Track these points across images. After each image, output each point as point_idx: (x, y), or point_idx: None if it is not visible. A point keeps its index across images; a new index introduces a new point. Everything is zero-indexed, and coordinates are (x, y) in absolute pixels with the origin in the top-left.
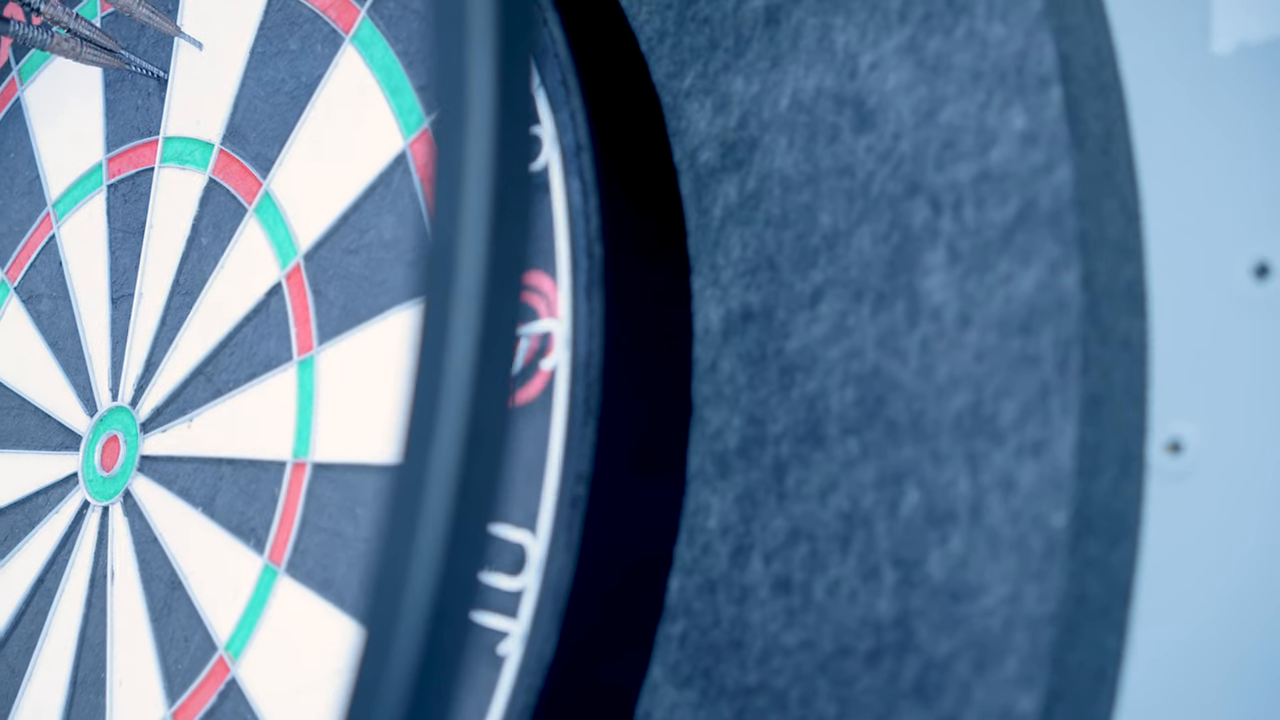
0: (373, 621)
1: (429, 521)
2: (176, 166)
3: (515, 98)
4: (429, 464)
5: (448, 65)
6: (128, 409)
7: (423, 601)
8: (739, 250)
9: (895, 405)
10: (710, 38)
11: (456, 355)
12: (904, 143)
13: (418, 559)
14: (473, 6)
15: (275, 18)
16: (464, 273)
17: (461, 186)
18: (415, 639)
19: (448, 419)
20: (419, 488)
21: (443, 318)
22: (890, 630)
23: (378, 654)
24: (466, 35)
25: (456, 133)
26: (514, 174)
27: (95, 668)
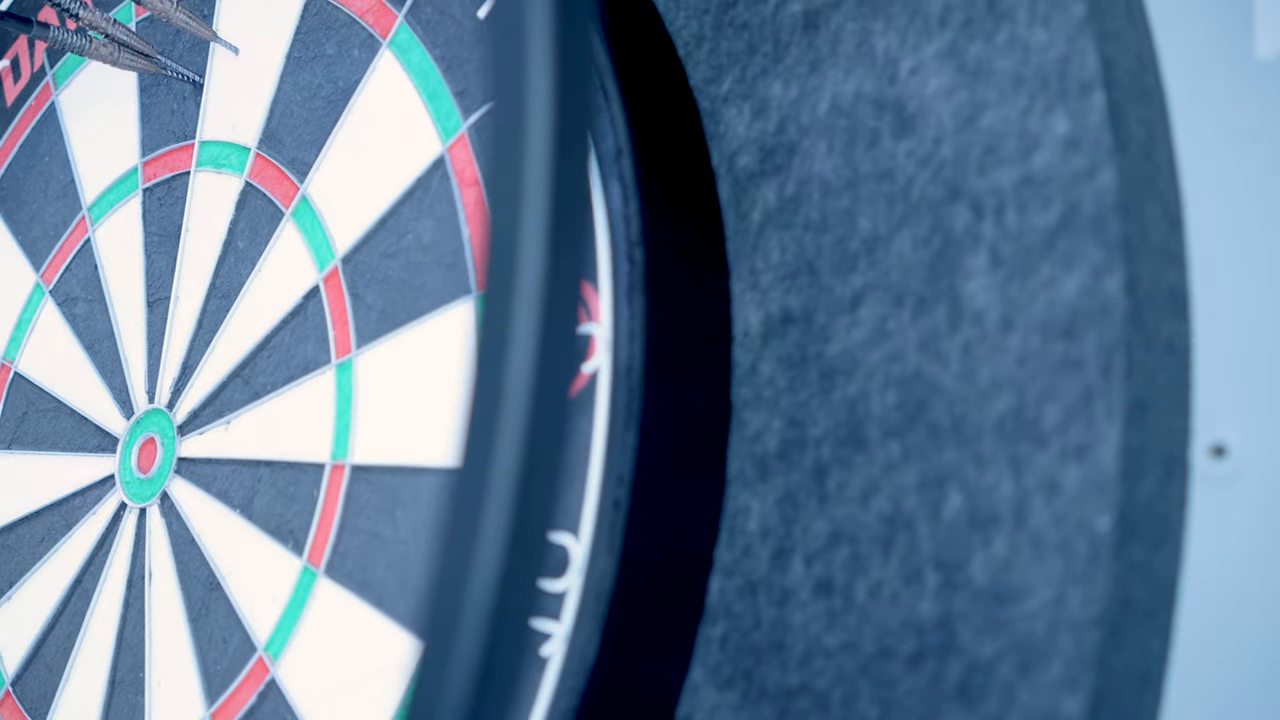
0: (432, 629)
1: (489, 528)
2: (212, 170)
3: (575, 99)
4: (490, 470)
5: (506, 74)
6: (164, 411)
7: (483, 609)
8: (778, 254)
9: (937, 408)
10: (748, 43)
11: (517, 362)
12: (945, 147)
13: (479, 566)
14: (531, 16)
15: (311, 23)
16: (524, 279)
17: (521, 194)
18: (475, 648)
19: (509, 425)
20: (479, 495)
21: (503, 324)
22: (933, 632)
23: (437, 662)
24: (525, 42)
25: (516, 137)
26: (572, 179)
27: (134, 668)
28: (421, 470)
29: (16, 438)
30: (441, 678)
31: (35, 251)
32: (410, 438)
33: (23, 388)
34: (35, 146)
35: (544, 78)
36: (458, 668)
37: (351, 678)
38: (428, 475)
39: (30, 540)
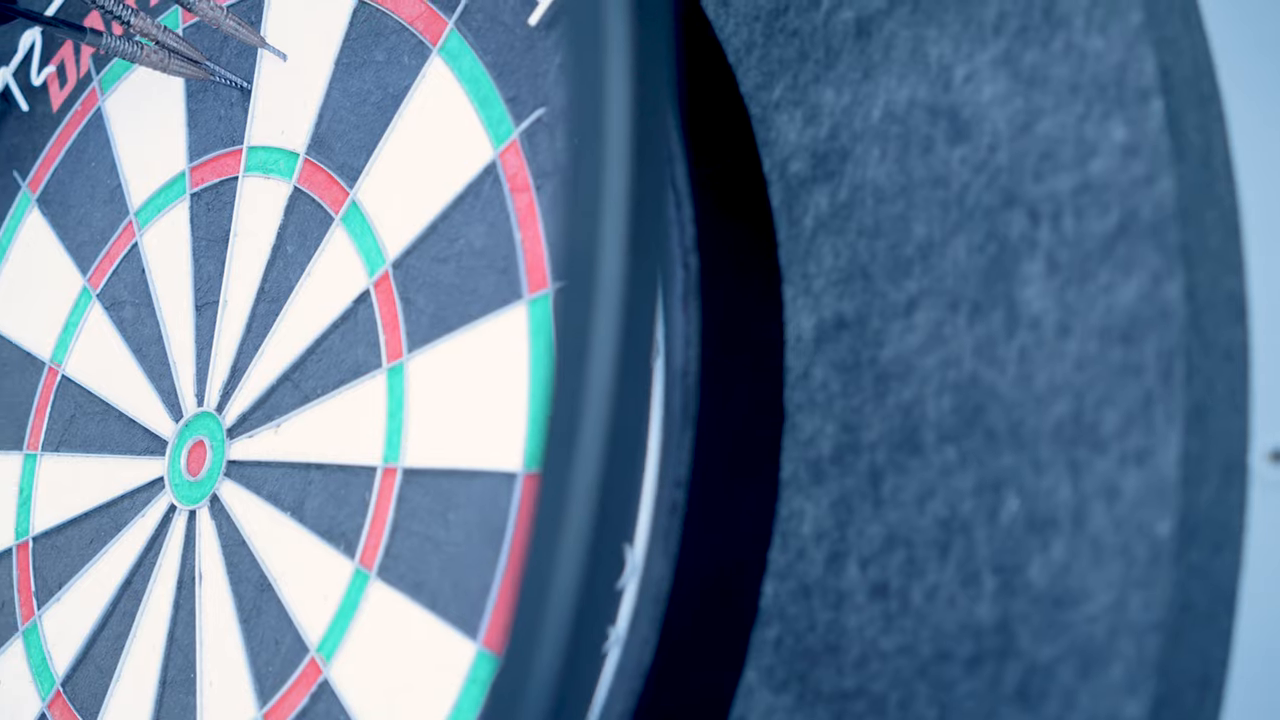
0: (514, 635)
1: (570, 536)
2: (260, 176)
3: (653, 108)
4: (571, 478)
5: (586, 85)
6: (213, 415)
7: (565, 618)
8: (831, 259)
9: (993, 413)
10: (799, 49)
11: (597, 372)
12: (1000, 154)
13: (560, 574)
14: (610, 31)
15: (360, 29)
16: (603, 285)
17: (601, 205)
18: (555, 659)
19: (590, 431)
20: (561, 503)
21: (583, 333)
22: (991, 635)
23: (518, 672)
24: (604, 53)
25: (595, 148)
26: (651, 188)
27: (184, 668)
28: (475, 473)
29: (65, 440)
30: (521, 689)
31: (82, 256)
32: (463, 441)
33: (70, 390)
34: (82, 151)
35: (622, 93)
36: (538, 680)
37: (405, 680)
38: (481, 478)
39: (79, 542)
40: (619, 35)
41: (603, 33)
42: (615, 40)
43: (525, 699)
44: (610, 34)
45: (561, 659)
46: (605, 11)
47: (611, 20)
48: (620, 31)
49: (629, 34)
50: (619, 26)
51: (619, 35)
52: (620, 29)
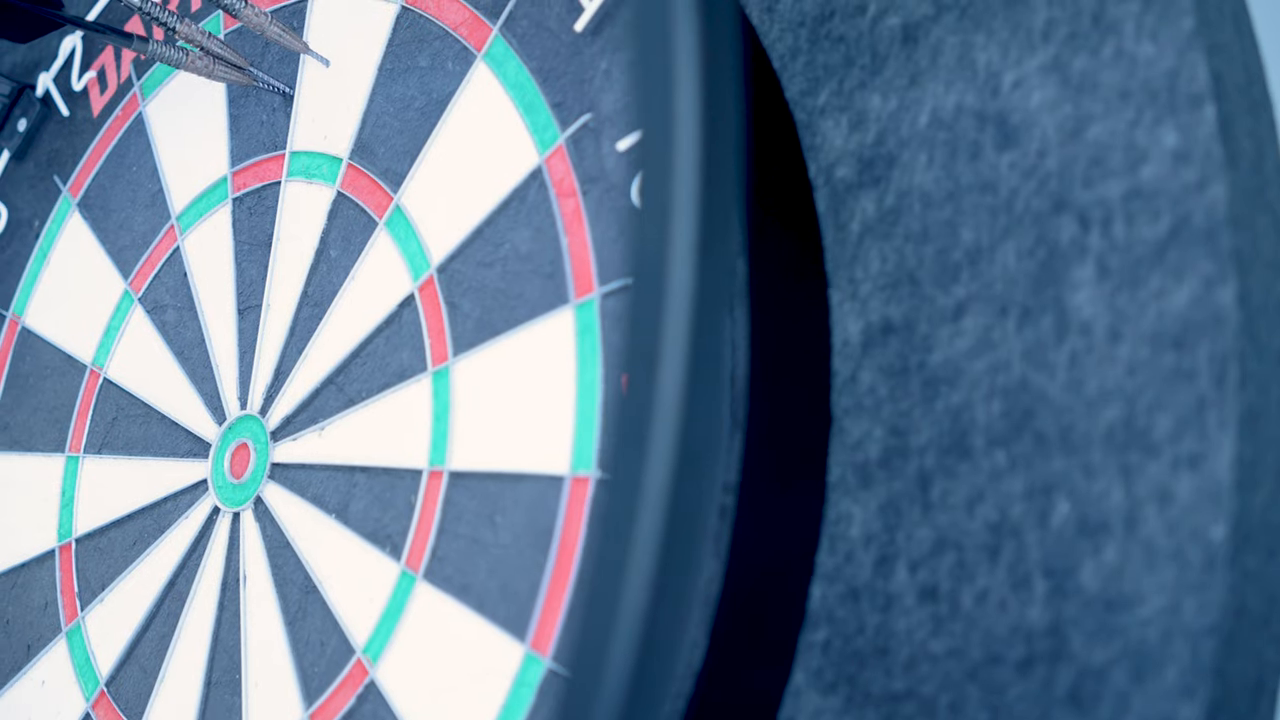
0: (584, 643)
1: (640, 539)
2: (303, 181)
3: (722, 119)
4: (642, 483)
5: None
6: (257, 417)
7: (634, 635)
8: (878, 264)
9: (1044, 418)
10: (845, 56)
11: (667, 378)
12: (1049, 160)
13: (631, 580)
14: (678, 45)
15: (404, 35)
16: (674, 292)
17: (670, 214)
18: (622, 674)
19: (658, 438)
20: (631, 510)
21: (654, 341)
22: (1042, 639)
23: (588, 687)
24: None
25: (664, 157)
26: (722, 198)
27: (229, 669)
28: (522, 476)
29: (107, 442)
30: (593, 697)
31: (123, 259)
32: (510, 444)
33: (112, 393)
34: (123, 156)
35: (692, 107)
36: (609, 690)
37: (453, 681)
38: (528, 481)
39: (122, 543)
40: (688, 49)
41: (671, 50)
42: (685, 58)
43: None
44: (679, 50)
45: (631, 675)
46: (674, 26)
47: (680, 33)
48: (689, 42)
49: (698, 46)
50: (688, 39)
51: (688, 49)
52: (689, 39)
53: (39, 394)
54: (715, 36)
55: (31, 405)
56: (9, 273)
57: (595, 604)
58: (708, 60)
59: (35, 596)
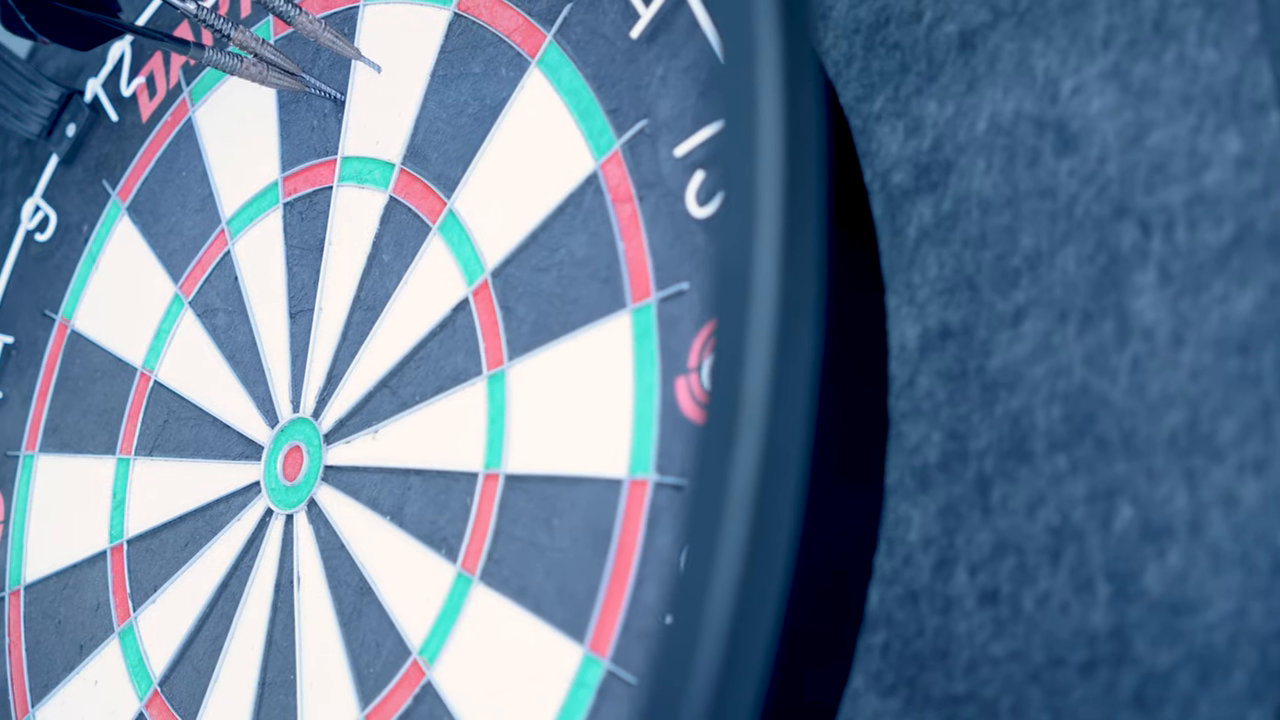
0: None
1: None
2: (355, 185)
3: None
4: (729, 486)
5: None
6: (310, 420)
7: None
8: (936, 270)
9: (1105, 422)
10: (901, 62)
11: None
12: (1110, 166)
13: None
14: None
15: (456, 41)
16: (759, 298)
17: (755, 227)
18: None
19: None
20: (718, 515)
21: (739, 348)
22: (1105, 642)
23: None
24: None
25: (747, 166)
26: (806, 206)
27: (284, 670)
28: (579, 480)
29: (158, 445)
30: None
31: (173, 264)
32: (567, 447)
33: (163, 396)
34: (172, 161)
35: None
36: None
37: (510, 682)
38: (585, 484)
39: (174, 544)
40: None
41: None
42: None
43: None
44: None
45: (716, 683)
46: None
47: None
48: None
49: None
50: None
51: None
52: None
53: (89, 397)
54: (795, 49)
55: (82, 408)
56: (58, 276)
57: (681, 609)
58: (789, 71)
59: (87, 597)
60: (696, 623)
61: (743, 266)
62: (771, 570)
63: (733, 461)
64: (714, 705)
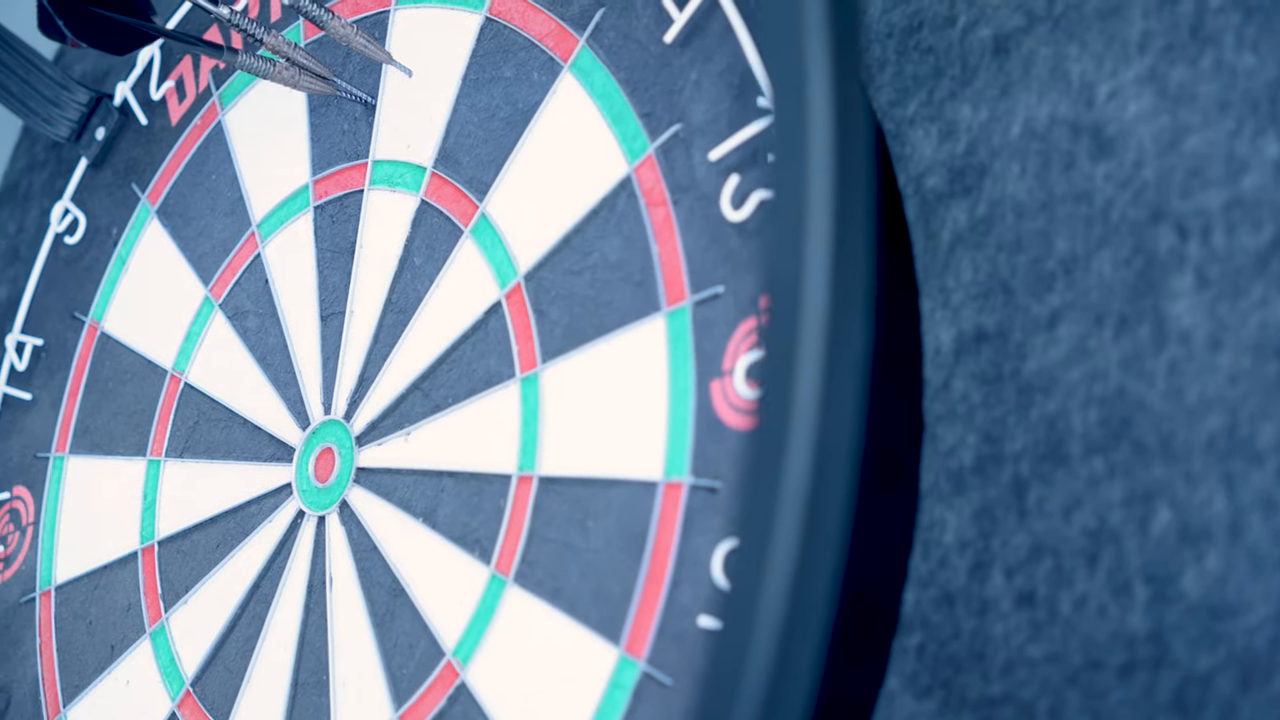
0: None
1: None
2: (386, 189)
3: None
4: (780, 490)
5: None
6: (341, 422)
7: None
8: (970, 273)
9: (1142, 426)
10: (934, 66)
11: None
12: (1146, 170)
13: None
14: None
15: (488, 45)
16: (810, 306)
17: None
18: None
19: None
20: (770, 519)
21: (790, 354)
22: (1144, 645)
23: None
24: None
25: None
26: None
27: (316, 670)
28: (614, 482)
29: (188, 446)
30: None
31: (203, 266)
32: (601, 450)
33: (193, 398)
34: (202, 165)
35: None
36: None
37: (545, 683)
38: (620, 487)
39: (205, 546)
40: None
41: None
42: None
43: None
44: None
45: (767, 687)
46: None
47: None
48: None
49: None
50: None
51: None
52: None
53: (119, 398)
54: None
55: (111, 409)
56: (88, 279)
57: (731, 615)
58: (837, 58)
59: (118, 598)
60: (749, 628)
61: (794, 273)
62: (821, 574)
63: (784, 467)
64: (765, 711)
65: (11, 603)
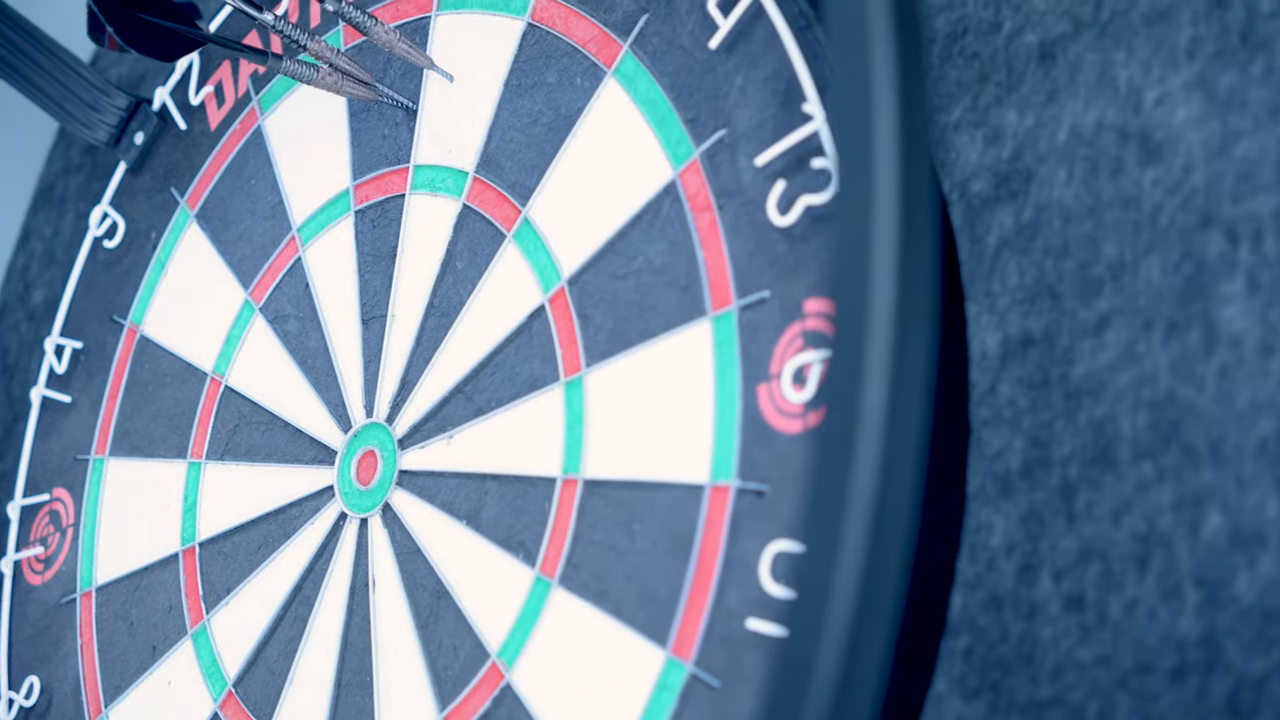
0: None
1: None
2: (428, 194)
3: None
4: (848, 494)
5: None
6: (384, 425)
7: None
8: (1016, 278)
9: (1192, 430)
10: (979, 72)
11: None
12: (1195, 175)
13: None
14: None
15: (530, 51)
16: (877, 315)
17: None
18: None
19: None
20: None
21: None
22: (1196, 648)
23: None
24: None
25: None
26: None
27: (360, 671)
28: (660, 485)
29: (229, 449)
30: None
31: (243, 270)
32: (647, 453)
33: (233, 401)
34: (241, 169)
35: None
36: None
37: (591, 685)
38: (666, 490)
39: (247, 547)
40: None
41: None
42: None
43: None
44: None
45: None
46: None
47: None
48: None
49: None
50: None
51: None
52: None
53: (158, 401)
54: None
55: (151, 412)
56: (127, 282)
57: (799, 620)
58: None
59: (159, 599)
60: (816, 633)
61: (861, 280)
62: (887, 581)
63: (851, 473)
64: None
65: (52, 603)
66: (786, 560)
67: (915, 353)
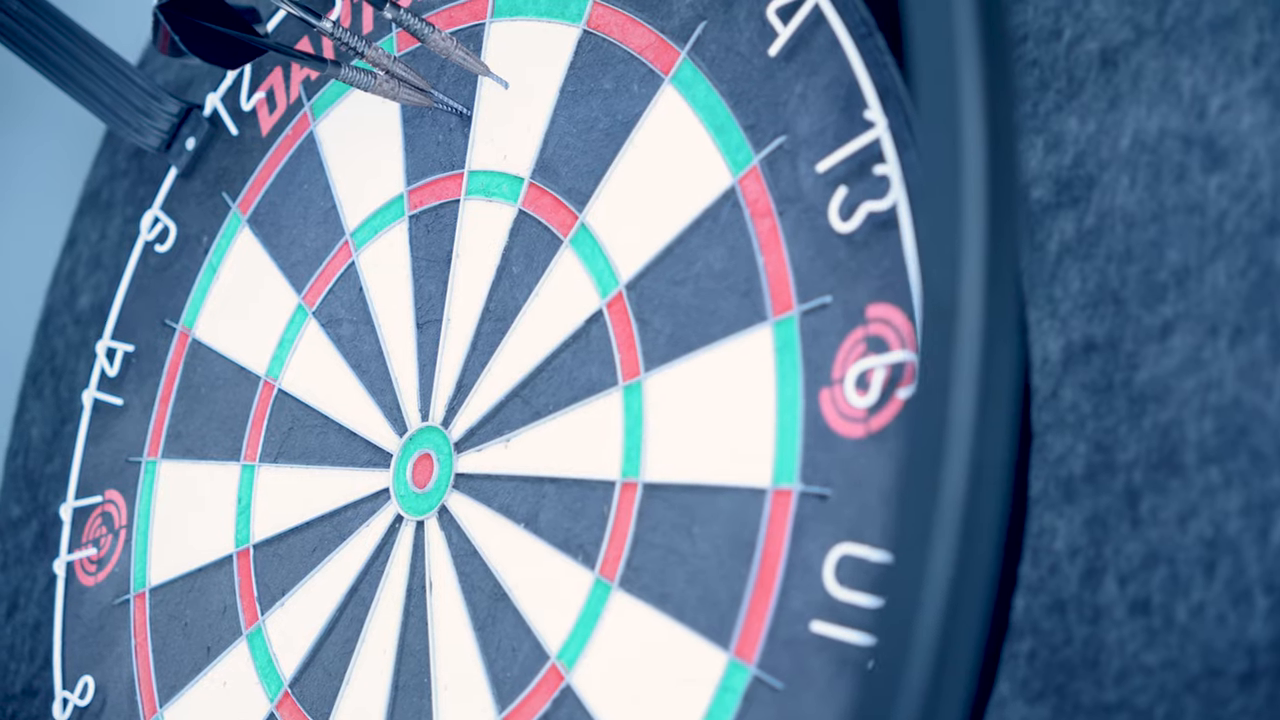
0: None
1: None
2: (483, 199)
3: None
4: (939, 499)
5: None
6: (439, 429)
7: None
8: (1078, 284)
9: (1260, 435)
10: (1040, 79)
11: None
12: (1261, 182)
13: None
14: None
15: (586, 58)
16: (966, 320)
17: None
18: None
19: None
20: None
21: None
22: (1266, 653)
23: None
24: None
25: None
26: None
27: (417, 673)
28: (721, 489)
29: (283, 451)
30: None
31: (296, 274)
32: (708, 457)
33: (287, 404)
34: (293, 174)
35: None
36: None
37: (653, 687)
38: (727, 493)
39: (301, 550)
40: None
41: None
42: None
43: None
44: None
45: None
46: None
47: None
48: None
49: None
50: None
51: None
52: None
53: (211, 404)
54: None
55: (204, 415)
56: (178, 287)
57: (887, 629)
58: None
59: (213, 600)
60: (906, 642)
61: (951, 290)
62: (975, 584)
63: (942, 481)
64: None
65: (106, 604)
66: (852, 564)
67: (1001, 363)
